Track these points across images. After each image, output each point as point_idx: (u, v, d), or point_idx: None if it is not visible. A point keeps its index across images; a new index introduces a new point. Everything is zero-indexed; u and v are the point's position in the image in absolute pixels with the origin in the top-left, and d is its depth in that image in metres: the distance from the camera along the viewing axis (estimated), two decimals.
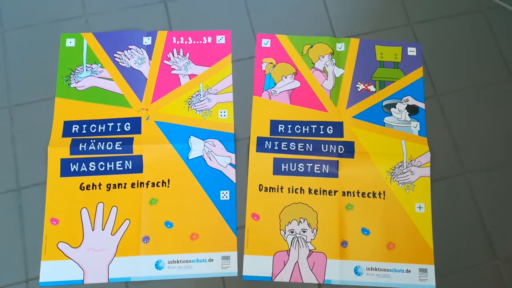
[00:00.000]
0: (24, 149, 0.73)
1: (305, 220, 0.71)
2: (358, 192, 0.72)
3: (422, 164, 0.74)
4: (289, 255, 0.70)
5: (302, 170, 0.73)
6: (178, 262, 0.69)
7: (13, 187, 0.72)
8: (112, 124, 0.74)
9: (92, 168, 0.72)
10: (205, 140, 0.74)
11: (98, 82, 0.77)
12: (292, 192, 0.72)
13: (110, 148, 0.72)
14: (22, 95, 0.76)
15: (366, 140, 0.75)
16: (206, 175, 0.72)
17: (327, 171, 0.73)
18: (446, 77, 0.79)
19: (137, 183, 0.72)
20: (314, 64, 0.79)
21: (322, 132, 0.75)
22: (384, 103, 0.77)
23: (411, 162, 0.74)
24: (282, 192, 0.72)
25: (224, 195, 0.72)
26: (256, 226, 0.71)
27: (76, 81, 0.77)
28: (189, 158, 0.73)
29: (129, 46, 0.79)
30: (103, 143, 0.72)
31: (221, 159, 0.73)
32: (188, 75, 0.78)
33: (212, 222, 0.71)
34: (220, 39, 0.80)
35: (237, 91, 0.77)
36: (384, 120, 0.76)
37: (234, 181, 0.73)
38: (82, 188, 0.71)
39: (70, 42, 0.79)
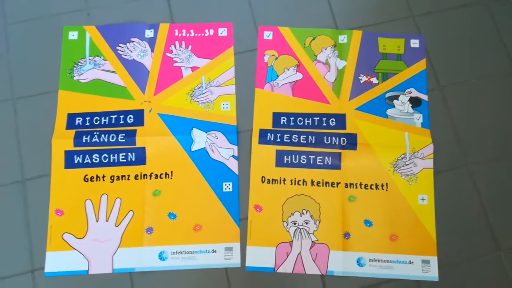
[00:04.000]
0: (28, 142, 0.74)
1: (308, 212, 0.71)
2: (360, 184, 0.72)
3: (425, 156, 0.74)
4: (291, 247, 0.70)
5: (304, 162, 0.73)
6: (181, 253, 0.69)
7: (18, 179, 0.72)
8: (115, 116, 0.74)
9: (96, 160, 0.72)
10: (208, 132, 0.74)
11: (101, 75, 0.77)
12: (295, 184, 0.73)
13: (114, 140, 0.73)
14: (25, 88, 0.76)
15: (368, 132, 0.75)
16: (209, 167, 0.73)
17: (329, 163, 0.73)
18: (449, 69, 0.79)
19: (141, 175, 0.72)
20: (316, 56, 0.79)
21: (324, 124, 0.75)
22: (386, 95, 0.77)
23: (414, 154, 0.74)
24: (284, 184, 0.73)
25: (227, 187, 0.72)
26: (258, 217, 0.71)
27: (79, 73, 0.77)
28: (192, 150, 0.73)
29: (132, 39, 0.79)
30: (107, 135, 0.73)
31: (223, 151, 0.74)
32: (190, 67, 0.78)
33: (215, 213, 0.71)
34: (222, 32, 0.80)
35: (240, 83, 0.77)
36: (387, 112, 0.76)
37: (237, 173, 0.73)
38: (86, 180, 0.71)
39: (73, 35, 0.79)
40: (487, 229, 0.72)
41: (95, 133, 0.73)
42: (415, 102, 0.77)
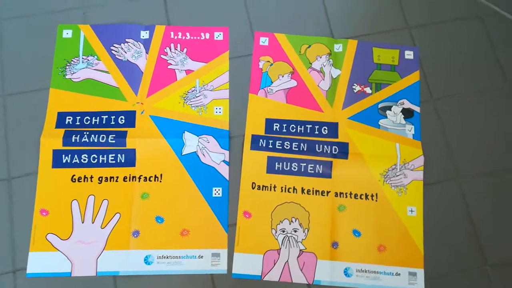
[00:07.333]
0: (16, 139, 0.73)
1: (297, 220, 0.71)
2: (350, 194, 0.72)
3: (415, 168, 0.74)
4: (279, 254, 0.69)
5: (295, 170, 0.73)
6: (167, 257, 0.68)
7: (4, 177, 0.71)
8: (106, 116, 0.74)
9: (85, 160, 0.71)
10: (199, 136, 0.74)
11: (94, 74, 0.76)
12: (285, 191, 0.72)
13: (103, 141, 0.72)
14: (16, 84, 0.75)
15: (360, 141, 0.75)
16: (199, 171, 0.72)
17: (320, 172, 0.73)
18: (442, 82, 0.79)
19: (129, 177, 0.71)
20: (311, 64, 0.79)
21: (317, 132, 0.75)
22: (379, 106, 0.77)
23: (404, 165, 0.74)
24: (274, 191, 0.72)
25: (217, 192, 0.72)
26: (247, 224, 0.71)
27: (72, 72, 0.76)
28: (182, 154, 0.73)
29: (126, 40, 0.78)
30: (97, 135, 0.72)
31: (214, 155, 0.73)
32: (185, 70, 0.78)
33: (204, 218, 0.70)
34: (218, 36, 0.79)
35: (233, 88, 0.77)
36: (379, 123, 0.76)
37: (227, 178, 0.72)
38: (74, 180, 0.71)
39: (67, 34, 0.78)
40: (475, 243, 0.72)
41: (85, 133, 0.72)
42: (407, 114, 0.77)
